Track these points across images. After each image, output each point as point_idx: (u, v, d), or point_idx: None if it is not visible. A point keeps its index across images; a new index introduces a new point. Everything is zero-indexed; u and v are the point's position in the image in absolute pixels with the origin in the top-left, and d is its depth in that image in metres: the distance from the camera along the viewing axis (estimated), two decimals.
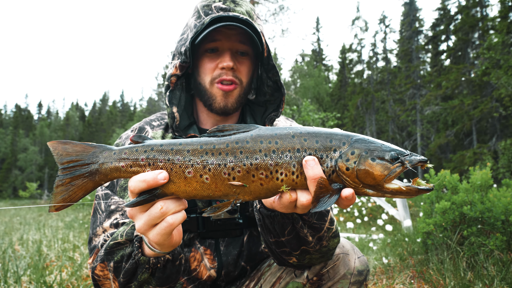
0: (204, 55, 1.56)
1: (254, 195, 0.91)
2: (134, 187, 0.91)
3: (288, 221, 1.20)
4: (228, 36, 1.53)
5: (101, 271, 1.27)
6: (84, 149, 0.97)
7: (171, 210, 0.94)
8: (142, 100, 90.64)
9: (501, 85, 17.85)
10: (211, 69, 1.55)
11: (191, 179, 0.90)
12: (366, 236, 6.66)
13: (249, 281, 1.62)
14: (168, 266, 1.16)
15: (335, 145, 0.90)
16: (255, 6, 25.86)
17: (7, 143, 64.30)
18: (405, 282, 3.68)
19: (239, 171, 0.89)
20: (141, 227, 0.96)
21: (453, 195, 3.99)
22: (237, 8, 1.54)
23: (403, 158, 0.87)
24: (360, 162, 0.87)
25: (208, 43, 1.53)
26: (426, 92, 30.40)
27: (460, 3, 29.85)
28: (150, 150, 0.93)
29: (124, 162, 0.94)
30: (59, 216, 14.89)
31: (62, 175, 0.96)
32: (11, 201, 39.17)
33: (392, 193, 0.88)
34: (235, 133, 0.93)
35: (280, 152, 0.89)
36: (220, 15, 1.46)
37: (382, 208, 11.79)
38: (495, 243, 3.49)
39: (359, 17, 45.38)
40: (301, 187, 0.91)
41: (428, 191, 0.87)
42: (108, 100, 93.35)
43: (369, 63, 43.58)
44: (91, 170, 0.96)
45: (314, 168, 0.87)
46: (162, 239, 0.98)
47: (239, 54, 1.57)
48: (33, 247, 5.87)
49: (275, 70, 1.62)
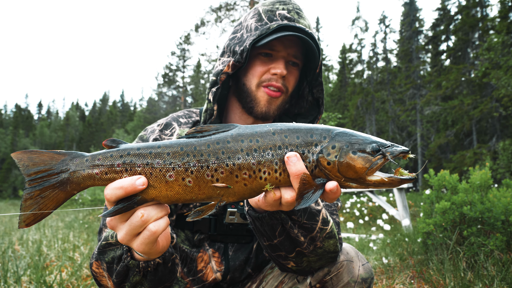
0: (257, 58, 1.55)
1: (238, 196, 0.89)
2: (111, 195, 0.85)
3: (277, 222, 1.19)
4: (286, 45, 1.53)
5: (97, 268, 1.25)
6: (52, 158, 0.90)
7: (153, 217, 0.89)
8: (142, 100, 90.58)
9: (501, 86, 17.85)
10: (261, 73, 1.54)
11: (173, 183, 0.86)
12: (366, 236, 6.66)
13: (251, 283, 1.61)
14: (159, 269, 1.14)
15: (316, 140, 0.89)
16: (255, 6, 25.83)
17: (7, 143, 64.26)
18: (405, 282, 3.68)
19: (222, 172, 0.86)
20: (123, 238, 0.92)
21: (453, 195, 3.99)
22: (301, 20, 1.55)
23: (384, 150, 0.87)
24: (341, 156, 0.86)
25: (265, 48, 1.53)
26: (426, 92, 30.38)
27: (460, 3, 29.83)
28: (126, 154, 0.87)
29: (98, 169, 0.87)
30: (59, 216, 14.88)
31: (30, 187, 0.89)
32: (11, 201, 39.16)
33: (375, 185, 0.88)
34: (215, 133, 0.91)
35: (262, 150, 0.87)
36: (288, 24, 1.47)
37: (382, 208, 11.79)
38: (495, 243, 3.49)
39: (359, 17, 45.36)
40: (285, 184, 0.90)
41: (410, 180, 0.87)
42: (108, 100, 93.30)
43: (369, 63, 43.55)
44: (61, 179, 0.89)
45: (297, 164, 0.86)
46: (147, 248, 0.93)
47: (290, 63, 1.58)
48: (33, 247, 5.86)
49: (321, 87, 1.62)
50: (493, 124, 25.88)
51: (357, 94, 36.90)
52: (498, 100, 21.63)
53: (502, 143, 18.90)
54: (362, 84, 40.58)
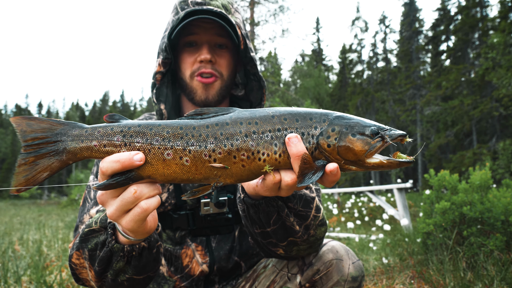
0: (184, 50, 1.59)
1: (236, 177, 0.89)
2: (107, 168, 0.85)
3: (273, 209, 1.17)
4: (205, 30, 1.55)
5: (77, 259, 1.23)
6: (52, 126, 0.89)
7: (145, 195, 0.88)
8: (142, 100, 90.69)
9: (502, 85, 17.85)
10: (191, 63, 1.57)
11: (170, 161, 0.86)
12: (366, 236, 6.66)
13: (245, 282, 1.62)
14: (144, 254, 1.11)
15: (316, 122, 0.89)
16: (256, 6, 25.87)
17: (7, 143, 64.26)
18: (405, 282, 3.68)
19: (220, 152, 0.86)
20: (113, 214, 0.91)
21: (453, 196, 3.99)
22: (213, 1, 1.57)
23: (383, 132, 0.88)
24: (341, 138, 0.87)
25: (186, 37, 1.56)
26: (426, 92, 30.37)
27: (460, 3, 29.84)
28: (127, 130, 0.87)
29: (97, 141, 0.87)
30: (59, 216, 14.89)
31: (25, 153, 0.88)
32: (11, 201, 39.16)
33: (374, 167, 0.89)
34: (214, 115, 0.91)
35: (261, 132, 0.88)
36: (194, 9, 1.49)
37: (382, 208, 11.79)
38: (495, 243, 3.49)
39: (359, 17, 45.37)
40: (284, 166, 0.90)
41: (409, 163, 0.88)
42: (108, 100, 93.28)
43: (369, 63, 43.55)
44: (58, 148, 0.88)
45: (298, 145, 0.86)
46: (136, 226, 0.92)
47: (218, 47, 1.59)
48: (33, 247, 5.87)
49: (253, 62, 1.62)
50: (493, 124, 25.87)
51: (357, 94, 36.90)
52: (498, 100, 21.64)
53: (502, 143, 18.91)
54: (362, 84, 40.58)
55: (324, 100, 39.02)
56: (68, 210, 19.77)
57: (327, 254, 1.41)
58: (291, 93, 28.46)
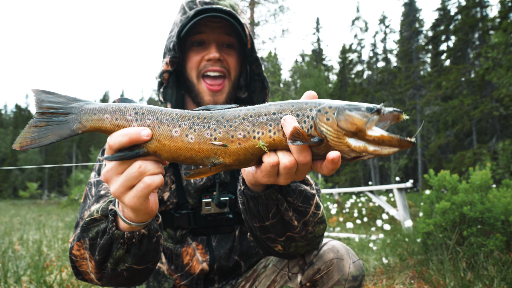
0: (191, 49, 1.58)
1: (234, 156, 0.93)
2: (114, 141, 0.88)
3: (273, 202, 1.18)
4: (213, 29, 1.55)
5: (78, 251, 1.23)
6: (68, 100, 0.95)
7: (150, 171, 0.91)
8: (142, 100, 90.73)
9: (502, 85, 17.85)
10: (197, 62, 1.57)
11: (177, 138, 0.92)
12: (366, 236, 6.66)
13: (245, 282, 1.62)
14: (144, 242, 1.12)
15: (311, 106, 0.94)
16: (256, 6, 25.89)
17: (7, 143, 64.29)
18: (405, 282, 3.68)
19: (220, 132, 0.93)
20: (116, 190, 0.93)
21: (453, 196, 3.99)
22: (221, 1, 1.58)
23: (378, 107, 0.90)
24: (339, 113, 0.90)
25: (194, 36, 1.56)
26: (426, 93, 30.40)
27: (460, 3, 29.85)
28: (139, 108, 0.94)
29: (110, 114, 0.93)
30: (59, 216, 14.90)
31: (38, 118, 0.92)
32: (12, 201, 39.19)
33: (375, 142, 0.89)
34: (220, 109, 0.99)
35: (257, 116, 0.94)
36: (204, 8, 1.50)
37: (382, 208, 11.79)
38: (495, 243, 3.49)
39: (359, 17, 45.39)
40: (280, 145, 0.93)
41: (410, 143, 0.88)
42: (108, 100, 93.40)
43: (369, 64, 43.57)
44: (70, 118, 0.94)
45: (292, 123, 0.89)
46: (138, 203, 0.94)
47: (225, 46, 1.60)
48: (33, 247, 5.87)
49: (258, 62, 1.63)
50: (493, 124, 25.88)
51: (357, 94, 36.93)
52: (498, 100, 21.65)
53: (502, 143, 18.92)
54: (362, 84, 40.61)
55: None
56: (68, 210, 19.78)
57: (327, 254, 1.41)
58: (291, 93, 28.45)
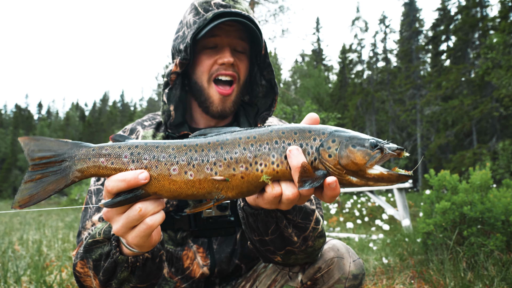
0: (203, 52, 1.55)
1: (237, 190, 0.90)
2: (112, 186, 0.86)
3: (272, 220, 1.17)
4: (228, 32, 1.52)
5: (82, 268, 1.24)
6: (59, 146, 0.91)
7: (150, 212, 0.90)
8: (142, 100, 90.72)
9: (502, 85, 17.84)
10: (209, 66, 1.54)
11: (176, 176, 0.88)
12: (366, 236, 6.66)
13: (245, 282, 1.61)
14: (148, 264, 1.13)
15: (314, 134, 0.91)
16: (256, 6, 25.88)
17: (7, 143, 64.27)
18: (405, 282, 3.68)
19: (221, 165, 0.89)
20: (119, 230, 0.93)
21: (453, 195, 3.99)
22: (237, 5, 1.55)
23: (381, 144, 0.90)
24: (341, 148, 0.89)
25: (207, 39, 1.53)
26: (426, 92, 30.37)
27: (460, 3, 29.84)
28: (134, 147, 0.90)
29: (105, 158, 0.89)
30: (59, 216, 14.89)
31: (32, 171, 0.90)
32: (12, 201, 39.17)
33: (374, 179, 0.90)
34: (216, 134, 0.94)
35: (258, 145, 0.90)
36: (223, 11, 1.46)
37: (382, 208, 11.79)
38: (495, 243, 3.49)
39: (359, 17, 45.37)
40: (283, 177, 0.91)
41: (408, 177, 0.90)
42: (108, 100, 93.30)
43: (369, 63, 43.56)
44: (65, 166, 0.90)
45: (298, 156, 0.87)
46: (142, 241, 0.95)
47: (238, 51, 1.58)
48: (33, 247, 5.87)
49: (270, 68, 1.61)
50: (493, 124, 25.88)
51: (357, 94, 36.90)
52: (498, 100, 21.64)
53: (502, 143, 18.91)
54: (362, 84, 40.58)
55: (324, 100, 39.00)
56: (68, 210, 19.77)
57: (328, 252, 1.42)
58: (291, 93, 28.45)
